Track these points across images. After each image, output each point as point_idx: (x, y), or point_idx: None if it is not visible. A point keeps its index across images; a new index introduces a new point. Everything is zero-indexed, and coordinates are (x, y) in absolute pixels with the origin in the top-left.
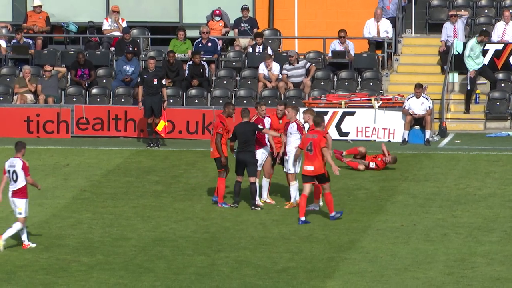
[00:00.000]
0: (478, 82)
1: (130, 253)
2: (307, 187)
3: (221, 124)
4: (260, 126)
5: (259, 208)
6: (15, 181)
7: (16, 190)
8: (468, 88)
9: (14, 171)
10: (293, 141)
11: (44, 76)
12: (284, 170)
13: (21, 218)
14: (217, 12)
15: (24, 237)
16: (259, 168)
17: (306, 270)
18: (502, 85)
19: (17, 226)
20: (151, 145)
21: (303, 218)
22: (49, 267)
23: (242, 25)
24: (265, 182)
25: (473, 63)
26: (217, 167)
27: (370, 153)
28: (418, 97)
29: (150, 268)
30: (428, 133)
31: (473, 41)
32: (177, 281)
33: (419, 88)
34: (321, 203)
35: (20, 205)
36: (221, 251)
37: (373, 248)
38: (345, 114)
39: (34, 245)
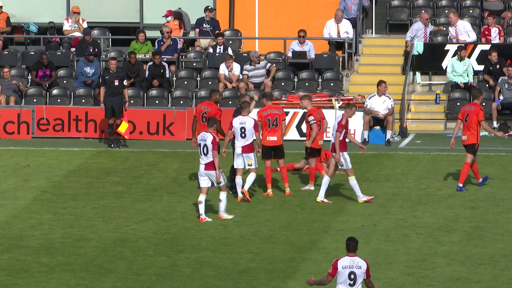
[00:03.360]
0: (436, 82)
1: (90, 254)
2: (468, 157)
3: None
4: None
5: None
6: (206, 154)
7: (208, 163)
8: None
9: (205, 145)
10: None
11: (3, 77)
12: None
13: (222, 186)
14: (167, 13)
15: (202, 210)
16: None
17: (267, 270)
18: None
19: (223, 196)
20: (112, 145)
21: (460, 185)
22: (9, 268)
23: (204, 25)
24: (326, 180)
25: (460, 78)
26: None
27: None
28: (380, 95)
29: (111, 269)
30: (389, 134)
31: (453, 59)
32: (138, 282)
33: (383, 83)
34: (311, 187)
35: (217, 177)
36: (182, 252)
37: (334, 249)
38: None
39: (210, 220)
